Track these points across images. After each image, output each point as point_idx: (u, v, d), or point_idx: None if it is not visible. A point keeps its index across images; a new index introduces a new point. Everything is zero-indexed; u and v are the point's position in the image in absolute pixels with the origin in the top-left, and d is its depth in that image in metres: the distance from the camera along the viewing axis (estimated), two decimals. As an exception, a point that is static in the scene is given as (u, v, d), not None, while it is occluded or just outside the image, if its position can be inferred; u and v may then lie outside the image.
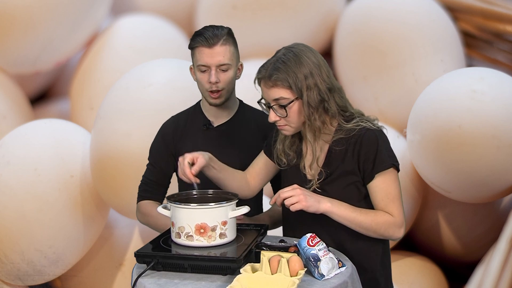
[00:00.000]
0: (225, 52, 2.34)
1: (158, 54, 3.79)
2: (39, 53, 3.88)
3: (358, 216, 2.11)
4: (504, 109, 2.94)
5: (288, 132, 2.19)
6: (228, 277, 1.93)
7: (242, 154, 2.42)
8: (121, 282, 3.47)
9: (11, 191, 3.14)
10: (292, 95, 2.11)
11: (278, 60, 2.12)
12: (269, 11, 4.06)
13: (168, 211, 2.10)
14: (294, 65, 2.10)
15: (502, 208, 3.51)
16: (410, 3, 3.77)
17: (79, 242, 3.26)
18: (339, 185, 2.17)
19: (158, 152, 2.50)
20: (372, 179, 2.14)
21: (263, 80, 2.13)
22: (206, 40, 2.32)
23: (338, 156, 2.17)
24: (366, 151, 2.13)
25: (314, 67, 2.11)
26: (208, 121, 2.48)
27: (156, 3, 4.54)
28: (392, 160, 2.15)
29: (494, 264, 2.69)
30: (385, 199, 2.14)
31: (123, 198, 3.10)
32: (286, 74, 2.09)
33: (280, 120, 2.15)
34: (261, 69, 2.15)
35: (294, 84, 2.09)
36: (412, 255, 3.60)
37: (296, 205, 2.05)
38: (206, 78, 2.36)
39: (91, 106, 3.88)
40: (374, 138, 2.14)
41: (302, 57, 2.12)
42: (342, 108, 2.18)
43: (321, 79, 2.12)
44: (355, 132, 2.15)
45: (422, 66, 3.62)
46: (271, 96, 2.13)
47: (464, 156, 2.95)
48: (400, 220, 2.14)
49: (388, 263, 2.30)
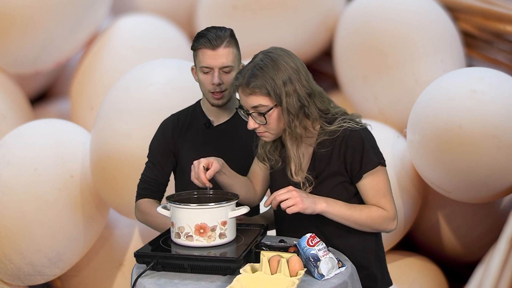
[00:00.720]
0: (228, 54, 2.34)
1: (158, 54, 3.79)
2: (39, 53, 3.88)
3: (354, 213, 2.12)
4: (504, 109, 2.94)
5: (268, 138, 2.18)
6: (228, 277, 1.93)
7: (241, 153, 2.42)
8: (121, 282, 3.47)
9: (11, 191, 3.14)
10: (271, 102, 2.09)
11: (255, 66, 2.09)
12: (269, 11, 4.06)
13: (168, 211, 2.10)
14: (272, 71, 2.07)
15: (502, 208, 3.50)
16: (410, 3, 3.77)
17: (79, 242, 3.26)
18: (326, 186, 2.17)
19: (158, 149, 2.50)
20: (361, 179, 2.15)
21: (241, 87, 2.11)
22: (209, 41, 2.32)
23: (324, 158, 2.17)
24: (352, 152, 2.13)
25: (293, 73, 2.09)
26: (208, 120, 2.48)
27: (156, 3, 4.54)
28: (378, 158, 2.15)
29: (494, 264, 2.69)
30: (376, 195, 2.15)
31: (123, 198, 3.10)
32: (264, 81, 2.06)
33: (260, 127, 2.13)
34: (238, 76, 2.13)
35: (272, 91, 2.06)
36: (412, 255, 3.60)
37: (292, 208, 2.05)
38: (209, 79, 2.36)
39: (91, 106, 3.88)
40: (359, 138, 2.13)
41: (280, 62, 2.09)
42: (324, 111, 2.17)
43: (300, 85, 2.09)
44: (339, 133, 2.14)
45: (422, 66, 3.61)
46: (249, 104, 2.11)
47: (464, 156, 2.95)
48: (393, 213, 2.16)
49: (383, 256, 2.31)
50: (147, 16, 4.21)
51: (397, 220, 2.18)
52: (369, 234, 2.21)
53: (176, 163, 2.49)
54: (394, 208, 2.17)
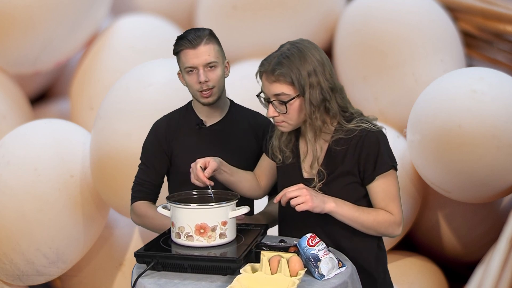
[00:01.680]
0: (210, 50, 2.35)
1: (158, 54, 3.79)
2: (39, 53, 3.88)
3: (361, 215, 2.12)
4: (504, 109, 2.94)
5: (285, 129, 2.17)
6: (228, 277, 1.93)
7: (235, 153, 2.43)
8: (121, 282, 3.47)
9: (11, 191, 3.14)
10: (294, 91, 2.09)
11: (282, 55, 2.09)
12: (269, 11, 4.06)
13: (168, 211, 2.10)
14: (298, 61, 2.07)
15: (502, 208, 3.50)
16: (410, 3, 3.77)
17: (79, 242, 3.26)
18: (337, 184, 2.16)
19: (151, 151, 2.50)
20: (373, 180, 2.14)
21: (265, 73, 2.11)
22: (189, 42, 2.34)
23: (338, 156, 2.16)
24: (367, 153, 2.12)
25: (318, 65, 2.09)
26: (200, 121, 2.48)
27: (156, 3, 4.54)
28: (392, 162, 2.16)
29: (494, 264, 2.69)
30: (385, 199, 2.15)
31: (123, 198, 3.10)
32: (289, 70, 2.06)
33: (279, 116, 2.13)
34: (264, 63, 2.12)
35: (297, 80, 2.06)
36: (412, 255, 3.60)
37: (302, 206, 2.04)
38: (195, 79, 2.37)
39: (91, 106, 3.88)
40: (376, 140, 2.13)
41: (307, 53, 2.09)
42: (343, 108, 2.17)
43: (324, 78, 2.09)
44: (355, 132, 2.13)
45: (422, 66, 3.61)
46: (272, 91, 2.10)
47: (464, 156, 2.95)
48: (399, 218, 2.16)
49: (385, 259, 2.31)
50: (147, 16, 4.21)
51: (402, 226, 2.18)
52: (373, 237, 2.21)
53: (170, 164, 2.49)
54: (401, 214, 2.17)
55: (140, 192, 2.49)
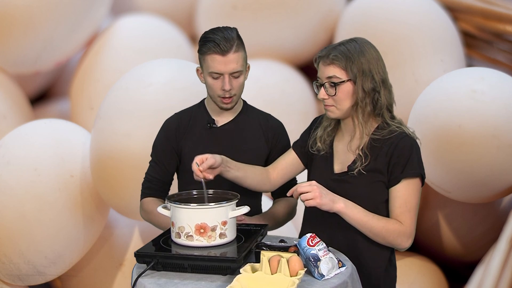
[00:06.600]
0: (238, 59, 2.32)
1: (158, 54, 3.79)
2: (39, 53, 3.88)
3: (370, 220, 2.13)
4: (504, 109, 2.94)
5: (333, 114, 2.22)
6: (228, 277, 1.93)
7: (243, 153, 2.42)
8: (121, 282, 3.47)
9: (11, 191, 3.14)
10: (345, 76, 2.17)
11: (340, 45, 2.20)
12: (269, 11, 4.06)
13: (168, 211, 2.10)
14: (355, 52, 2.17)
15: (502, 208, 3.51)
16: (410, 3, 3.77)
17: (79, 242, 3.26)
18: (366, 180, 2.19)
19: (160, 148, 2.50)
20: (398, 182, 2.16)
21: (322, 58, 2.20)
22: (218, 46, 2.29)
23: (373, 152, 2.19)
24: (399, 154, 2.16)
25: (373, 60, 2.18)
26: (212, 120, 2.47)
27: (156, 3, 4.54)
28: (421, 170, 2.18)
29: (494, 264, 2.69)
30: (402, 206, 2.16)
31: (123, 198, 3.10)
32: (344, 56, 2.16)
33: (329, 99, 2.19)
34: (323, 50, 2.22)
35: (350, 66, 2.15)
36: (412, 255, 3.60)
37: (310, 201, 2.08)
38: (219, 84, 2.34)
39: (91, 106, 3.88)
40: (410, 145, 2.17)
41: (364, 48, 2.19)
42: (389, 105, 2.22)
43: (377, 71, 2.18)
44: (395, 133, 2.18)
45: (422, 66, 3.61)
46: (325, 74, 2.19)
47: (464, 156, 2.95)
48: (410, 231, 2.16)
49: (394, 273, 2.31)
50: (147, 16, 4.21)
51: (412, 239, 2.18)
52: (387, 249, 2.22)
53: (180, 162, 2.49)
54: (413, 227, 2.18)
55: (149, 189, 2.50)
